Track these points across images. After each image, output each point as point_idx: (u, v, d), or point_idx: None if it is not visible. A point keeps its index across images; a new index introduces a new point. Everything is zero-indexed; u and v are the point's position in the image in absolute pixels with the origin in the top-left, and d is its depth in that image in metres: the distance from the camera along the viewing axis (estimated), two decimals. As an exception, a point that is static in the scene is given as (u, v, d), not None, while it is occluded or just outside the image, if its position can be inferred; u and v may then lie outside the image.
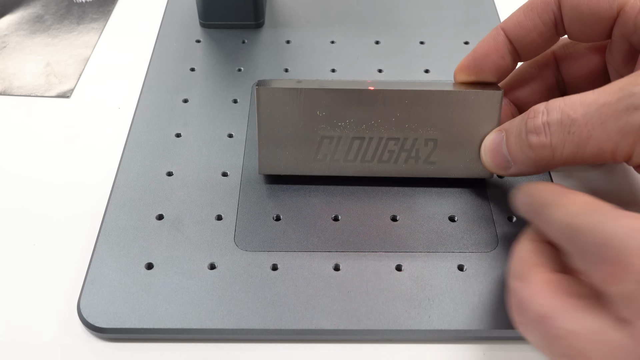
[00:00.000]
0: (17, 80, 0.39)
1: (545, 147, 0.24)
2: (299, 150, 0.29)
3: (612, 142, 0.22)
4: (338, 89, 0.28)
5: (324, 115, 0.28)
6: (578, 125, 0.23)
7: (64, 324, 0.27)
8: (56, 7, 0.45)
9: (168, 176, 0.31)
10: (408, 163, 0.29)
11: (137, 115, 0.35)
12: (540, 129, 0.24)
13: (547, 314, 0.20)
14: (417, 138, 0.28)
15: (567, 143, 0.23)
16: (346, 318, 0.26)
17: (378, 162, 0.29)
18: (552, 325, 0.19)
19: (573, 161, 0.24)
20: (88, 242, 0.29)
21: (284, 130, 0.29)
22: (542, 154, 0.24)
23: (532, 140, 0.24)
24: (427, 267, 0.28)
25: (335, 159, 0.29)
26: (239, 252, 0.28)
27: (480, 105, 0.28)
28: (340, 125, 0.28)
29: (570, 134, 0.23)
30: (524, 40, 0.28)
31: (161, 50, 0.39)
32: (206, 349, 0.26)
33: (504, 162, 0.27)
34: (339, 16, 0.42)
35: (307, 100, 0.28)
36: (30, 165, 0.33)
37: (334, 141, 0.29)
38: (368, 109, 0.28)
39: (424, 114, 0.28)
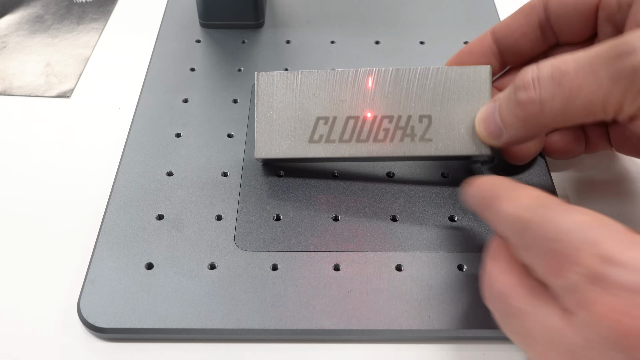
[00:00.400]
0: (17, 80, 0.39)
1: (533, 102, 0.23)
2: (294, 133, 0.29)
3: (603, 91, 0.22)
4: (332, 69, 0.29)
5: (319, 96, 0.29)
6: (569, 77, 0.22)
7: (64, 324, 0.27)
8: (56, 7, 0.45)
9: (168, 176, 0.31)
10: (404, 141, 0.28)
11: (137, 115, 0.35)
12: (530, 84, 0.23)
13: (506, 292, 0.21)
14: (411, 115, 0.28)
15: (557, 96, 0.23)
16: (346, 318, 0.26)
17: (374, 141, 0.29)
18: (508, 303, 0.21)
19: (562, 117, 0.23)
20: (88, 242, 0.29)
21: (280, 114, 0.29)
22: (531, 110, 0.24)
23: (520, 96, 0.24)
24: (427, 267, 0.28)
25: (331, 139, 0.29)
26: (239, 252, 0.28)
27: (470, 81, 0.28)
28: (335, 105, 0.29)
29: (560, 86, 0.22)
30: (507, 40, 0.29)
31: (161, 50, 0.39)
32: (206, 349, 0.26)
33: (496, 130, 0.26)
34: (339, 16, 0.42)
35: (302, 83, 0.29)
36: (30, 165, 0.33)
37: (329, 121, 0.29)
38: (362, 88, 0.29)
39: (416, 91, 0.28)
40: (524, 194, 0.22)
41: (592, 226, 0.19)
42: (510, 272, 0.21)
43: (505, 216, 0.22)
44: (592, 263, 0.18)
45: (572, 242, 0.18)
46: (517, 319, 0.20)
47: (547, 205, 0.20)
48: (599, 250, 0.18)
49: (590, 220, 0.19)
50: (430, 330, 0.25)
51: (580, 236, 0.18)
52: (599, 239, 0.18)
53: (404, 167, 0.32)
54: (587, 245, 0.18)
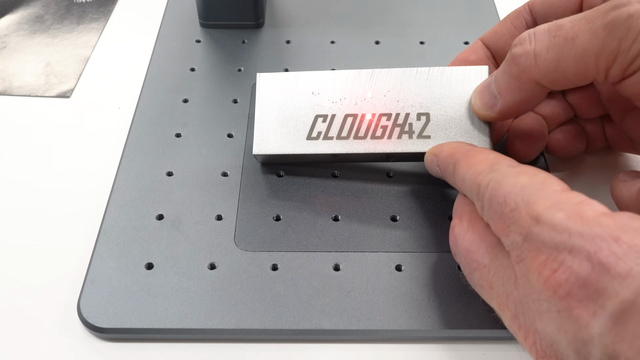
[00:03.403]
0: (17, 80, 0.39)
1: (528, 54, 0.23)
2: (293, 130, 0.29)
3: (598, 39, 0.22)
4: (332, 71, 0.30)
5: (318, 95, 0.30)
6: (565, 29, 0.22)
7: (64, 324, 0.27)
8: (56, 7, 0.45)
9: (168, 176, 0.31)
10: (402, 138, 0.29)
11: (137, 115, 0.35)
12: (525, 39, 0.24)
13: (470, 248, 0.23)
14: (409, 113, 0.29)
15: (551, 47, 0.23)
16: (346, 318, 0.26)
17: (372, 137, 0.29)
18: (472, 258, 0.23)
19: (555, 72, 0.23)
20: (88, 242, 0.29)
21: (279, 112, 0.30)
22: (525, 64, 0.24)
23: (515, 51, 0.24)
24: (427, 267, 0.28)
25: (329, 136, 0.29)
26: (239, 252, 0.28)
27: (467, 81, 0.28)
28: (334, 103, 0.29)
29: (555, 37, 0.23)
30: (498, 44, 0.30)
31: (161, 50, 0.39)
32: (206, 349, 0.26)
33: (491, 100, 0.26)
34: (339, 16, 0.42)
35: (302, 83, 0.30)
36: (30, 165, 0.33)
37: (327, 119, 0.29)
38: (360, 88, 0.29)
39: (415, 90, 0.29)
40: (480, 159, 0.24)
41: (530, 187, 0.20)
42: (473, 230, 0.23)
43: (465, 181, 0.24)
44: (525, 222, 0.20)
45: (512, 204, 0.20)
46: (480, 272, 0.22)
47: (497, 169, 0.22)
48: (531, 211, 0.19)
49: (530, 181, 0.21)
50: (430, 330, 0.25)
51: (518, 198, 0.20)
52: (532, 200, 0.20)
53: (404, 167, 0.32)
54: (523, 205, 0.20)
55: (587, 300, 0.17)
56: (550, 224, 0.19)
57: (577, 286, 0.18)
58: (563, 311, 0.18)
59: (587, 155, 0.33)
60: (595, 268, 0.17)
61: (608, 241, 0.18)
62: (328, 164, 0.32)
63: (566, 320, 0.18)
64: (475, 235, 0.23)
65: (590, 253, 0.18)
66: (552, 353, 0.19)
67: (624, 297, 0.17)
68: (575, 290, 0.18)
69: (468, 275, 0.24)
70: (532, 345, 0.20)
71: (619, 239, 0.17)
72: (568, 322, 0.18)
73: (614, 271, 0.17)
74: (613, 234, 0.18)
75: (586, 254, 0.18)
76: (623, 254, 0.17)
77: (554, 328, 0.18)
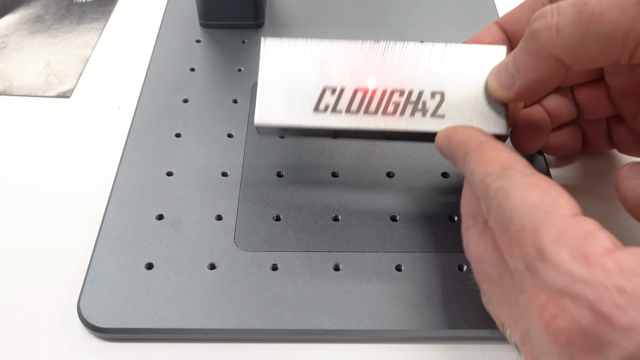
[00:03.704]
0: (17, 80, 0.39)
1: (549, 28, 0.22)
2: (299, 101, 0.28)
3: (628, 17, 0.20)
4: (343, 40, 0.28)
5: (327, 65, 0.28)
6: (592, 4, 0.21)
7: (64, 324, 0.27)
8: (56, 7, 0.45)
9: (168, 176, 0.31)
10: (415, 116, 0.27)
11: (137, 115, 0.35)
12: (547, 12, 0.22)
13: (480, 256, 0.22)
14: (423, 90, 0.27)
15: (576, 22, 0.21)
16: (346, 318, 0.26)
17: (382, 114, 0.27)
18: (481, 267, 0.22)
19: (578, 48, 0.22)
20: (88, 242, 0.29)
21: (285, 81, 0.28)
22: (545, 39, 0.22)
23: (535, 25, 0.23)
24: (427, 267, 0.28)
25: (337, 110, 0.27)
26: (239, 252, 0.28)
27: (485, 60, 0.27)
28: (344, 75, 0.28)
29: (581, 12, 0.21)
30: (513, 27, 0.29)
31: (161, 50, 0.39)
32: (206, 349, 0.26)
33: (509, 79, 0.25)
34: (339, 16, 0.42)
35: (311, 51, 0.28)
36: (30, 166, 0.33)
37: (336, 92, 0.27)
38: (373, 60, 0.28)
39: (429, 66, 0.27)
40: (492, 156, 0.22)
41: (539, 209, 0.19)
42: (485, 236, 0.22)
43: (474, 178, 0.22)
44: (529, 252, 0.18)
45: (518, 224, 0.19)
46: (489, 285, 0.22)
47: (509, 176, 0.21)
48: (537, 241, 0.18)
49: (539, 201, 0.19)
50: (430, 330, 0.25)
51: (525, 220, 0.19)
52: (539, 226, 0.19)
53: (403, 167, 0.32)
54: (529, 231, 0.19)
55: (590, 349, 0.17)
56: (553, 262, 0.18)
57: (578, 334, 0.17)
58: (565, 357, 0.17)
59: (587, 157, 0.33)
60: (597, 318, 0.17)
61: (611, 291, 0.17)
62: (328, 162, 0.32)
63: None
64: (488, 242, 0.22)
65: (592, 302, 0.17)
66: None
67: (627, 350, 0.16)
68: (576, 338, 0.17)
69: (478, 281, 0.23)
70: None
71: (622, 290, 0.17)
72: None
73: (617, 324, 0.16)
74: (616, 282, 0.17)
75: (588, 303, 0.17)
76: (626, 305, 0.16)
77: None
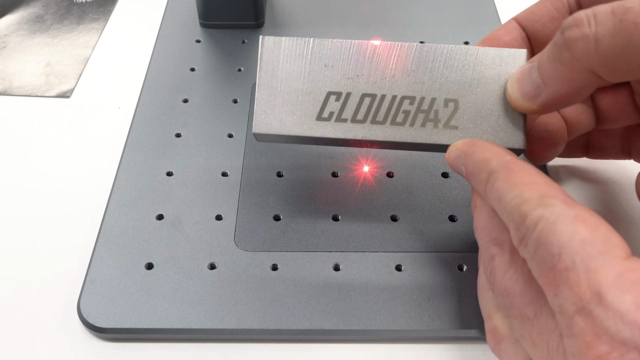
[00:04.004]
0: (17, 80, 0.39)
1: (586, 39, 0.20)
2: (301, 107, 0.26)
3: None
4: (349, 40, 0.26)
5: (332, 68, 0.26)
6: (634, 12, 0.19)
7: (64, 324, 0.27)
8: (56, 7, 0.45)
9: (168, 176, 0.31)
10: (426, 127, 0.25)
11: (137, 115, 0.35)
12: (583, 20, 0.20)
13: (511, 290, 0.20)
14: (435, 98, 0.25)
15: (617, 32, 0.19)
16: (346, 318, 0.26)
17: (391, 123, 0.25)
18: (511, 302, 0.20)
19: (619, 61, 0.20)
20: (88, 242, 0.29)
21: (286, 85, 0.26)
22: (581, 50, 0.20)
23: (570, 34, 0.20)
24: (427, 267, 0.28)
25: (342, 118, 0.25)
26: (239, 252, 0.28)
27: (503, 65, 0.25)
28: (350, 79, 0.26)
29: (622, 21, 0.19)
30: (535, 25, 0.27)
31: (161, 50, 0.39)
32: (206, 349, 0.26)
33: (533, 89, 0.23)
34: (339, 16, 0.42)
35: (314, 52, 0.26)
36: (30, 166, 0.33)
37: (341, 98, 0.26)
38: (381, 63, 0.26)
39: (443, 71, 0.25)
40: (525, 180, 0.20)
41: (591, 247, 0.17)
42: (515, 267, 0.20)
43: (504, 202, 0.20)
44: (583, 294, 0.17)
45: (568, 262, 0.17)
46: (521, 323, 0.20)
47: (551, 205, 0.19)
48: (593, 283, 0.17)
49: (590, 237, 0.17)
50: (430, 330, 0.25)
51: (577, 257, 0.17)
52: (594, 267, 0.17)
53: (404, 167, 0.32)
54: (582, 270, 0.17)
55: None
56: (616, 310, 0.16)
57: None
58: None
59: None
60: None
61: None
62: (329, 161, 0.32)
63: None
64: (518, 275, 0.20)
65: None
66: None
67: None
68: None
69: (507, 317, 0.21)
70: None
71: None
72: None
73: None
74: None
75: None
76: None
77: None
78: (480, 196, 0.23)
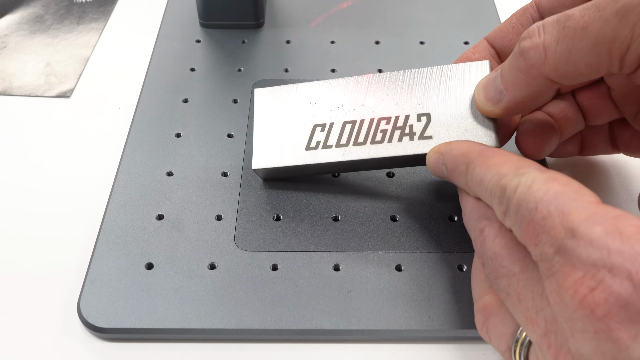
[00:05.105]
0: (17, 80, 0.39)
1: (537, 48, 0.22)
2: (291, 141, 0.29)
3: (610, 27, 0.20)
4: (329, 80, 0.29)
5: (316, 104, 0.29)
6: (574, 19, 0.21)
7: (64, 324, 0.27)
8: (56, 7, 0.45)
9: (168, 176, 0.31)
10: (403, 141, 0.28)
11: (137, 115, 0.35)
12: (534, 31, 0.23)
13: (499, 252, 0.22)
14: (409, 114, 0.28)
15: (561, 38, 0.22)
16: (346, 318, 0.26)
17: (371, 142, 0.28)
18: (500, 263, 0.22)
19: (566, 64, 0.22)
20: (88, 242, 0.29)
21: (277, 125, 0.29)
22: (534, 58, 0.23)
23: (524, 45, 0.23)
24: (427, 267, 0.28)
25: (328, 145, 0.28)
26: (239, 252, 0.28)
27: (468, 78, 0.28)
28: (332, 111, 0.29)
29: (564, 28, 0.22)
30: (502, 42, 0.29)
31: (161, 50, 0.39)
32: (206, 349, 0.26)
33: (496, 95, 0.25)
34: (339, 16, 0.42)
35: (300, 94, 0.30)
36: (30, 166, 0.33)
37: (325, 128, 0.29)
38: (358, 94, 0.29)
39: (413, 91, 0.28)
40: (501, 160, 0.22)
41: (564, 196, 0.19)
42: (504, 234, 0.22)
43: (484, 183, 0.22)
44: (558, 234, 0.18)
45: (544, 211, 0.19)
46: (508, 280, 0.21)
47: (526, 173, 0.21)
48: (566, 222, 0.18)
49: (563, 189, 0.19)
50: (430, 330, 0.25)
51: (551, 206, 0.19)
52: (567, 210, 0.18)
53: (404, 167, 0.32)
54: (557, 215, 0.19)
55: (629, 322, 0.17)
56: (587, 238, 0.18)
57: (617, 307, 0.17)
58: (601, 332, 0.17)
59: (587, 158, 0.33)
60: (637, 288, 0.16)
61: None
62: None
63: (604, 342, 0.17)
64: (507, 240, 0.22)
65: (631, 273, 0.17)
66: None
67: None
68: (615, 311, 0.17)
69: (494, 280, 0.22)
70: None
71: None
72: (606, 344, 0.17)
73: None
74: None
75: (627, 274, 0.17)
76: None
77: (590, 349, 0.17)
78: (464, 191, 0.25)
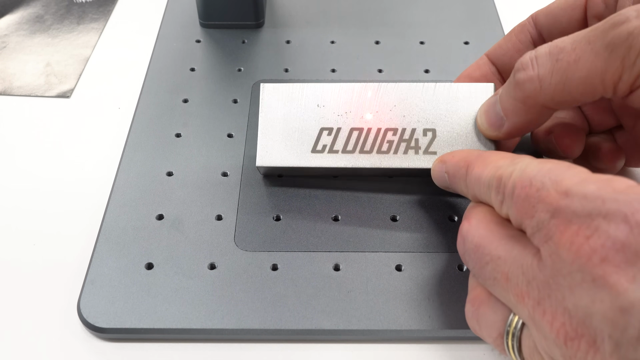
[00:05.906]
0: (17, 80, 0.39)
1: (532, 80, 0.24)
2: (297, 142, 0.29)
3: (601, 60, 0.22)
4: (338, 83, 0.30)
5: (324, 107, 0.29)
6: (566, 52, 0.23)
7: (64, 324, 0.27)
8: (56, 7, 0.45)
9: (168, 176, 0.31)
10: (408, 154, 0.29)
11: (137, 115, 0.35)
12: (528, 64, 0.24)
13: (480, 243, 0.22)
14: (415, 128, 0.29)
15: (555, 71, 0.23)
16: (346, 318, 0.26)
17: (377, 152, 0.29)
18: (482, 252, 0.22)
19: (561, 94, 0.23)
20: (88, 242, 0.29)
21: (283, 124, 0.29)
22: (530, 89, 0.24)
23: (519, 77, 0.24)
24: (427, 267, 0.28)
25: (334, 149, 0.29)
26: (239, 252, 0.28)
27: (473, 98, 0.29)
28: (339, 116, 0.29)
29: (558, 61, 0.23)
30: (503, 59, 0.30)
31: (161, 50, 0.39)
32: (206, 349, 0.26)
33: (498, 120, 0.26)
34: (339, 16, 0.42)
35: (307, 95, 0.29)
36: (30, 166, 0.33)
37: (332, 132, 0.29)
38: (367, 101, 0.29)
39: (421, 105, 0.29)
40: (498, 157, 0.23)
41: (557, 169, 0.20)
42: (483, 226, 0.23)
43: (482, 179, 0.23)
44: (553, 199, 0.19)
45: (538, 184, 0.20)
46: (493, 264, 0.21)
47: (520, 161, 0.21)
48: (560, 187, 0.19)
49: (557, 165, 0.20)
50: (430, 330, 0.25)
51: (545, 178, 0.20)
52: (560, 178, 0.19)
53: (404, 167, 0.32)
54: (551, 184, 0.19)
55: (625, 264, 0.17)
56: (581, 194, 0.18)
57: (613, 250, 0.17)
58: (598, 279, 0.17)
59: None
60: (634, 230, 0.17)
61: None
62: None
63: (602, 289, 0.17)
64: (486, 230, 0.22)
65: (627, 215, 0.17)
66: (583, 331, 0.18)
67: None
68: (611, 254, 0.17)
69: (478, 271, 0.22)
70: (559, 328, 0.18)
71: None
72: (604, 290, 0.17)
73: None
74: None
75: (623, 217, 0.17)
76: None
77: (588, 300, 0.17)
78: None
